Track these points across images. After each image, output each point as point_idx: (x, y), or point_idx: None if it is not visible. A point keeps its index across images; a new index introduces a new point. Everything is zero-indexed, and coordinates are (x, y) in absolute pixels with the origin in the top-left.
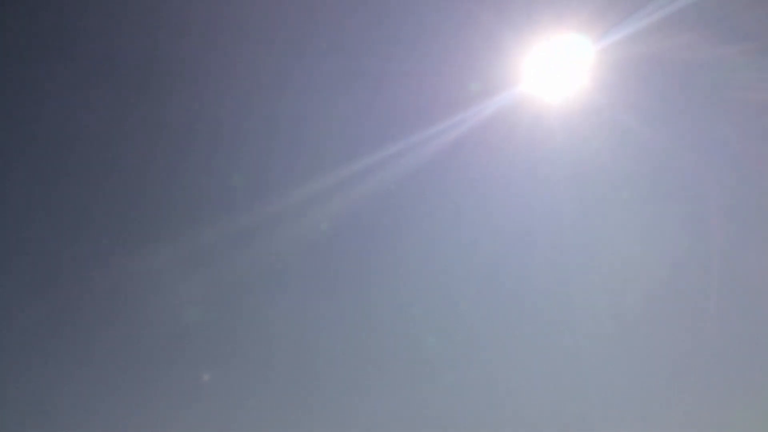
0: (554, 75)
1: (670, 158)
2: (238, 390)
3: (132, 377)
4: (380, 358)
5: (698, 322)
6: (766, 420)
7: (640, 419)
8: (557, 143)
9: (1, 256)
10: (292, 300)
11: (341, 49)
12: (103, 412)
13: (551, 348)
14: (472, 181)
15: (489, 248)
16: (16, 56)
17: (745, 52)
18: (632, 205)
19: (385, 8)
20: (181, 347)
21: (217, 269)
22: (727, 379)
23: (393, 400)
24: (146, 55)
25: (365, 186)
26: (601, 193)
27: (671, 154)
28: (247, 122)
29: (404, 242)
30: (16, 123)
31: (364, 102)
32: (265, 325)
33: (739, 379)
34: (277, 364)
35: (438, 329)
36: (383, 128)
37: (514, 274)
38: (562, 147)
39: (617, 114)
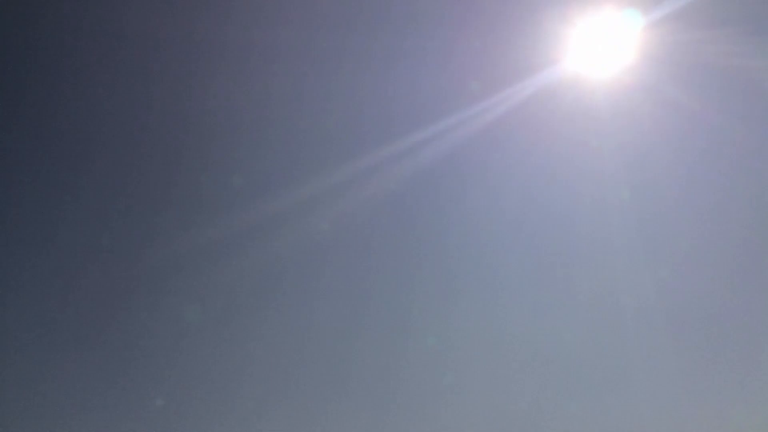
0: (600, 51)
1: (726, 140)
2: (238, 390)
3: (132, 377)
4: (381, 358)
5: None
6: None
7: (640, 419)
8: (602, 124)
9: (1, 255)
10: (293, 300)
11: (364, 28)
12: (103, 412)
13: (561, 351)
14: (512, 164)
15: (526, 236)
16: (16, 56)
17: None
18: (685, 189)
19: None
20: (182, 348)
21: (218, 269)
22: (727, 379)
23: (394, 401)
24: (147, 53)
25: (394, 175)
26: (651, 177)
27: (726, 136)
28: (249, 121)
29: (431, 234)
30: (16, 122)
31: (396, 85)
32: (266, 325)
33: (740, 379)
34: (277, 364)
35: (444, 330)
36: (422, 107)
37: (548, 265)
38: (607, 128)
39: (667, 93)
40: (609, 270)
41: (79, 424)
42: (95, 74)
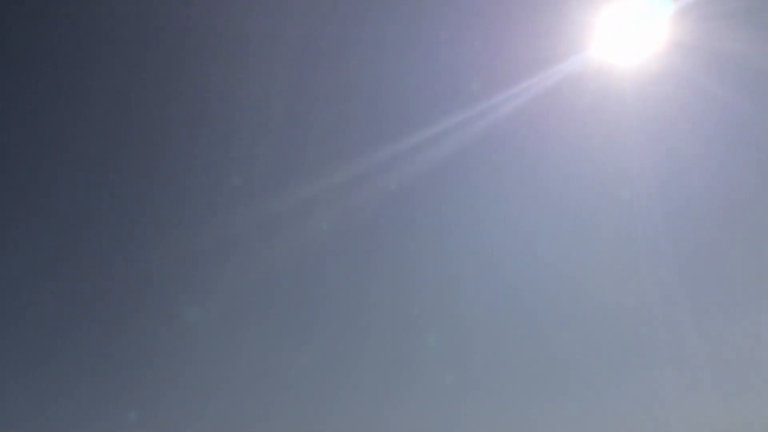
0: (630, 38)
1: (758, 129)
2: (240, 389)
3: (133, 377)
4: (381, 359)
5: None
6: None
7: (640, 420)
8: (631, 112)
9: (3, 256)
10: (294, 300)
11: (381, 17)
12: (104, 412)
13: (566, 352)
14: (536, 154)
15: (546, 229)
16: (17, 56)
17: None
18: (716, 179)
19: None
20: (184, 347)
21: (218, 270)
22: (727, 379)
23: (395, 400)
24: (149, 55)
25: (409, 170)
26: (679, 166)
27: (759, 124)
28: (252, 122)
29: (450, 230)
30: (18, 123)
31: (415, 77)
32: (267, 325)
33: (739, 379)
34: (279, 364)
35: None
36: (445, 98)
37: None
38: (636, 116)
39: (697, 81)
40: (634, 266)
41: (80, 423)
42: (96, 74)
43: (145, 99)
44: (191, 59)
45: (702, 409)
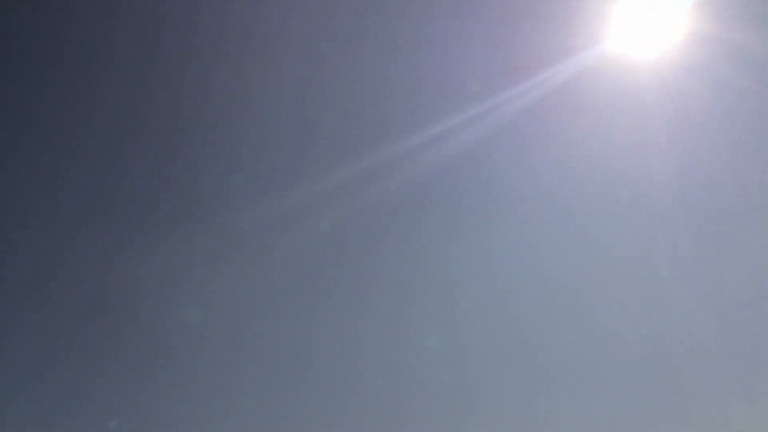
0: (645, 28)
1: None
2: (238, 390)
3: (132, 378)
4: (382, 359)
5: None
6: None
7: (640, 421)
8: (647, 108)
9: (1, 256)
10: (294, 301)
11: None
12: (103, 413)
13: (567, 353)
14: (550, 149)
15: (562, 224)
16: (16, 56)
17: None
18: (735, 175)
19: None
20: (182, 349)
21: (218, 271)
22: (727, 380)
23: (395, 401)
24: (148, 54)
25: (420, 164)
26: (699, 161)
27: None
28: (252, 122)
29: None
30: (17, 122)
31: (427, 67)
32: (266, 325)
33: (740, 379)
34: (278, 365)
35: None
36: (458, 89)
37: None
38: (653, 114)
39: (717, 73)
40: (652, 266)
41: (79, 424)
42: (99, 74)
43: (144, 97)
44: (189, 56)
45: (714, 411)
